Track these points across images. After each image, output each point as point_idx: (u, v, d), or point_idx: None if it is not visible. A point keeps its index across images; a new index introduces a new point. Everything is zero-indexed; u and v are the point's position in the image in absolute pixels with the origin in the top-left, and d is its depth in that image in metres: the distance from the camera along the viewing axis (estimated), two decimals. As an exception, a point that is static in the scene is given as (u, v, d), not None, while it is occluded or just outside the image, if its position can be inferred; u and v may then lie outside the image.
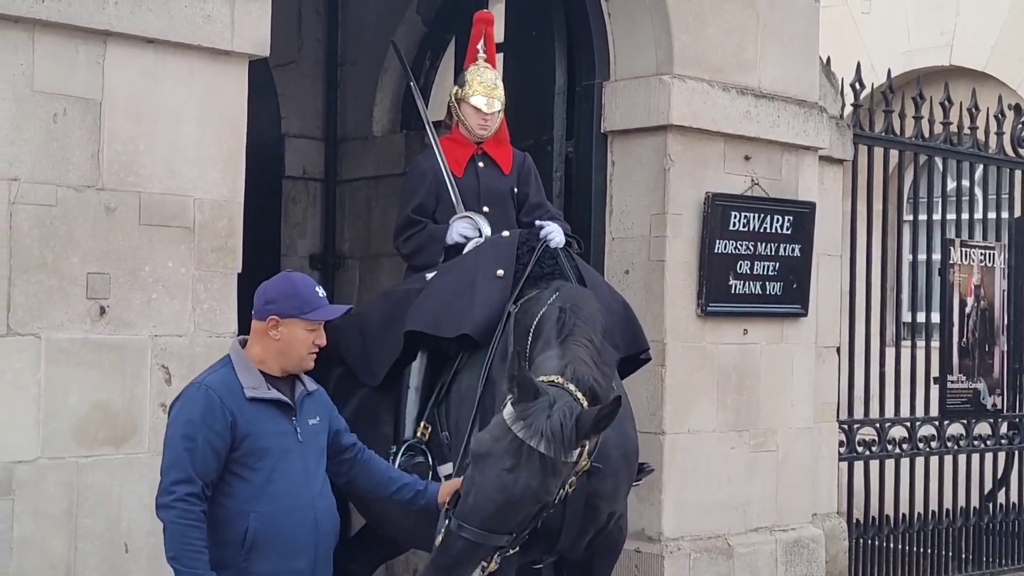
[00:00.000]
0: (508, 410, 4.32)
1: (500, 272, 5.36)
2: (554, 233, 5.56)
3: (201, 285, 5.03)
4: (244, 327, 5.13)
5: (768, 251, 6.91)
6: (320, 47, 9.01)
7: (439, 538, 4.33)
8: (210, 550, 3.98)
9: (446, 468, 5.14)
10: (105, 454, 4.80)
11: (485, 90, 5.85)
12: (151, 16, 4.85)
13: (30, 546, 4.65)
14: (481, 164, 5.91)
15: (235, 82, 5.13)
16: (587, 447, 4.41)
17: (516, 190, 5.93)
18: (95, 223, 4.78)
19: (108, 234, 4.81)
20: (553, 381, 4.45)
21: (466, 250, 5.63)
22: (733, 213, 6.73)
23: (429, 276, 5.55)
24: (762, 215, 6.87)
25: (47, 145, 4.68)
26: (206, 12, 4.97)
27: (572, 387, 4.45)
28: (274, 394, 4.10)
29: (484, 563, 4.32)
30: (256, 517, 4.01)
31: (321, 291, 4.21)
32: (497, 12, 7.18)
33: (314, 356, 4.19)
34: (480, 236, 5.67)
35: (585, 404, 4.41)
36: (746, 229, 6.80)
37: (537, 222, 5.69)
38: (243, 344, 4.23)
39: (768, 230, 6.90)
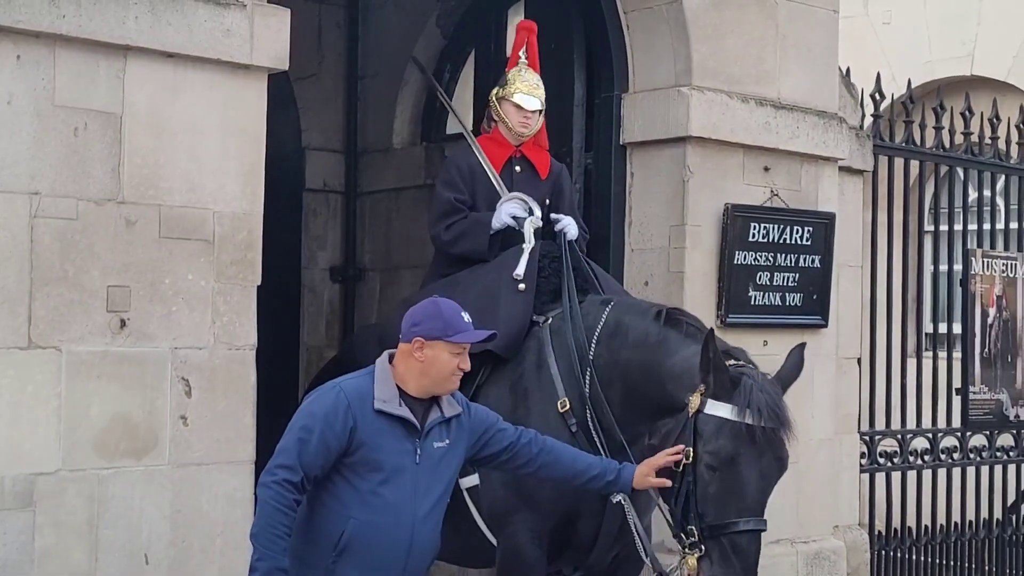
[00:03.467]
0: (721, 406, 4.45)
1: (522, 287, 5.38)
2: (569, 227, 5.64)
3: (221, 298, 5.04)
4: (264, 339, 5.18)
5: (788, 262, 6.90)
6: (340, 60, 9.05)
7: (704, 549, 4.45)
8: (300, 545, 4.10)
9: (468, 480, 5.14)
10: (126, 466, 4.82)
11: (527, 88, 5.88)
12: (171, 30, 4.87)
13: (51, 558, 4.67)
14: (518, 168, 5.90)
15: (255, 95, 5.14)
16: None
17: (549, 200, 5.92)
18: (115, 236, 4.80)
19: (128, 247, 4.83)
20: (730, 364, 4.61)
21: (526, 230, 5.56)
22: (752, 224, 6.72)
23: (519, 270, 5.44)
24: (782, 226, 6.86)
25: (68, 159, 4.71)
26: (225, 26, 5.00)
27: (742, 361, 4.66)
28: (403, 412, 4.17)
29: None
30: (355, 524, 4.09)
31: (467, 316, 4.28)
32: (515, 24, 7.20)
33: (458, 378, 4.27)
34: (532, 215, 5.64)
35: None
36: (766, 240, 6.79)
37: (552, 216, 5.71)
38: (391, 359, 4.29)
39: (788, 241, 6.88)
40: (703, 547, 4.48)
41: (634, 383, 4.92)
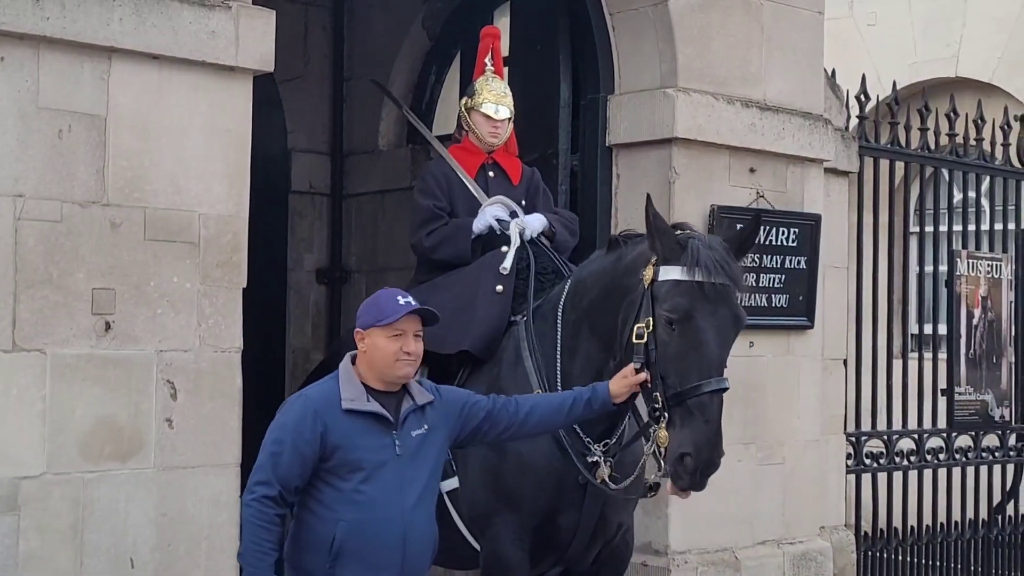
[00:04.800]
0: (671, 269, 4.55)
1: (500, 288, 5.41)
2: (529, 224, 5.65)
3: (206, 300, 5.03)
4: (249, 342, 5.18)
5: (774, 263, 6.91)
6: (326, 62, 9.05)
7: (697, 413, 4.43)
8: (295, 554, 4.14)
9: (448, 483, 5.14)
10: (111, 469, 4.80)
11: (495, 97, 5.90)
12: (155, 32, 4.86)
13: (36, 562, 4.65)
14: (491, 173, 5.93)
15: (240, 97, 5.13)
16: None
17: (524, 203, 5.94)
18: (100, 239, 4.78)
19: (113, 249, 4.81)
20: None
21: (512, 232, 5.59)
22: (739, 226, 6.72)
23: (507, 263, 5.48)
24: (768, 228, 6.85)
25: (52, 161, 4.69)
26: (210, 28, 4.99)
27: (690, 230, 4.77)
28: (372, 406, 4.18)
29: None
30: (344, 525, 4.10)
31: (404, 299, 4.28)
32: (502, 27, 7.20)
33: (407, 363, 4.24)
34: (516, 218, 5.66)
35: None
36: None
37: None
38: (354, 360, 4.33)
39: (774, 242, 6.89)
40: (667, 415, 4.50)
41: (597, 312, 4.94)
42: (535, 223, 5.73)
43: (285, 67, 6.58)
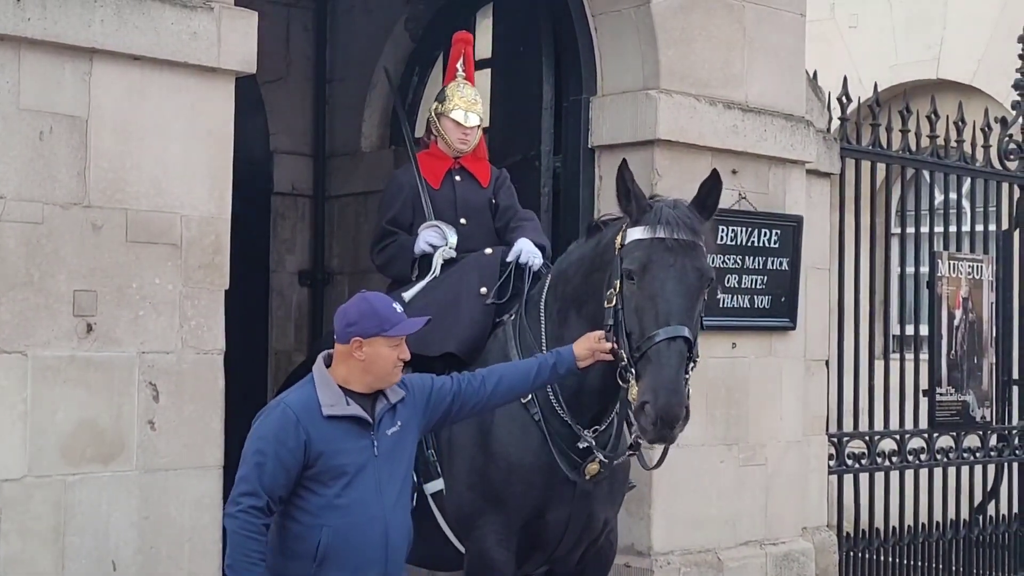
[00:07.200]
0: (637, 230, 4.69)
1: (483, 290, 5.43)
2: (530, 256, 5.59)
3: (188, 302, 5.02)
4: (232, 344, 5.16)
5: (756, 265, 6.92)
6: (309, 64, 9.03)
7: (647, 366, 4.49)
8: (280, 562, 4.15)
9: (433, 485, 5.14)
10: (93, 472, 4.78)
11: (465, 104, 5.91)
12: (137, 33, 4.85)
13: (17, 565, 4.62)
14: (458, 177, 5.94)
15: (222, 99, 5.12)
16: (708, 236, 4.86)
17: (493, 201, 5.96)
18: (81, 240, 4.77)
19: (95, 251, 4.80)
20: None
21: (435, 260, 5.63)
22: (721, 227, 6.73)
23: (407, 295, 5.52)
24: (750, 229, 6.87)
25: (33, 163, 4.67)
26: (192, 29, 4.98)
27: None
28: (352, 410, 4.20)
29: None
30: (328, 531, 4.12)
31: (398, 307, 4.32)
32: (484, 28, 7.21)
33: (400, 369, 4.30)
34: (446, 244, 5.67)
35: None
36: (734, 243, 6.80)
37: (514, 244, 5.66)
38: (328, 360, 4.32)
39: (756, 244, 6.91)
40: (634, 370, 4.56)
41: (584, 296, 4.98)
42: (534, 259, 5.61)
43: (267, 68, 6.58)
